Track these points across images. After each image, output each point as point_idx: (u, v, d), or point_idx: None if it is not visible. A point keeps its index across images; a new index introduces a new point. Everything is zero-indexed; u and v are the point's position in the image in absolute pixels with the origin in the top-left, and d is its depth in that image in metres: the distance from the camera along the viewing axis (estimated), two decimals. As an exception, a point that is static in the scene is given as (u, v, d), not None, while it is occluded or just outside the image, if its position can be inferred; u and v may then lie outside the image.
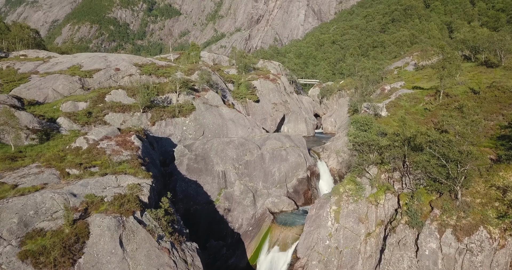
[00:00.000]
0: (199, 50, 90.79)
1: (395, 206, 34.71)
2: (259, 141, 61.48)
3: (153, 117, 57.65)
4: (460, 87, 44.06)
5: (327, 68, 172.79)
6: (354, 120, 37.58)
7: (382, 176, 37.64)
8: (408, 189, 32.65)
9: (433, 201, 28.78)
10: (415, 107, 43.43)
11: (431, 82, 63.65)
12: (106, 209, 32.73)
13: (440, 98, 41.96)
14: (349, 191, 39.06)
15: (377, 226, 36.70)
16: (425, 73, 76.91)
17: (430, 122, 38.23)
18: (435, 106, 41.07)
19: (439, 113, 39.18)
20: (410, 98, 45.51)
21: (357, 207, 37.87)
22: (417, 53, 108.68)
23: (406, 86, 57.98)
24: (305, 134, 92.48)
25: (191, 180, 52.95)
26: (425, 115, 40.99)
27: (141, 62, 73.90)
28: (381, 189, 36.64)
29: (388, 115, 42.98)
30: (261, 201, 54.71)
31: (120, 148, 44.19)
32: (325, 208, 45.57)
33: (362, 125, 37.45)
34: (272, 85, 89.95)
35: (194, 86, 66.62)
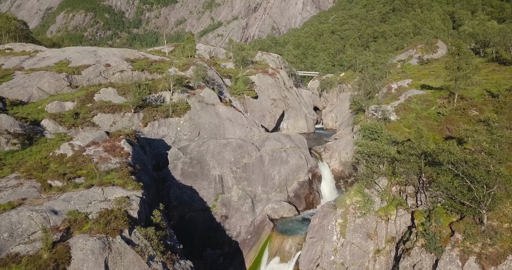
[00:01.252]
0: (194, 43, 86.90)
1: (408, 223, 31.78)
2: (258, 142, 58.29)
3: (145, 118, 54.22)
4: (476, 88, 40.84)
5: (327, 59, 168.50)
6: (363, 128, 34.35)
7: (393, 188, 34.63)
8: (424, 206, 29.62)
9: (454, 224, 25.79)
10: (427, 111, 40.24)
11: (439, 80, 60.32)
12: (91, 228, 29.64)
13: (455, 101, 38.76)
14: (357, 203, 36.06)
15: (387, 243, 33.85)
16: (431, 68, 73.50)
17: (445, 129, 35.09)
18: (449, 110, 37.90)
19: (454, 118, 36.00)
20: (421, 100, 42.26)
21: (365, 222, 34.94)
22: (421, 45, 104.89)
23: (414, 84, 54.61)
24: (305, 130, 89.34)
25: (186, 185, 49.84)
26: (439, 120, 37.81)
27: (133, 57, 70.06)
28: (392, 203, 33.66)
29: (398, 119, 39.76)
30: (260, 207, 51.78)
31: (109, 154, 40.87)
32: (330, 219, 42.67)
33: (371, 133, 34.25)
34: (271, 80, 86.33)
35: (189, 83, 63.02)
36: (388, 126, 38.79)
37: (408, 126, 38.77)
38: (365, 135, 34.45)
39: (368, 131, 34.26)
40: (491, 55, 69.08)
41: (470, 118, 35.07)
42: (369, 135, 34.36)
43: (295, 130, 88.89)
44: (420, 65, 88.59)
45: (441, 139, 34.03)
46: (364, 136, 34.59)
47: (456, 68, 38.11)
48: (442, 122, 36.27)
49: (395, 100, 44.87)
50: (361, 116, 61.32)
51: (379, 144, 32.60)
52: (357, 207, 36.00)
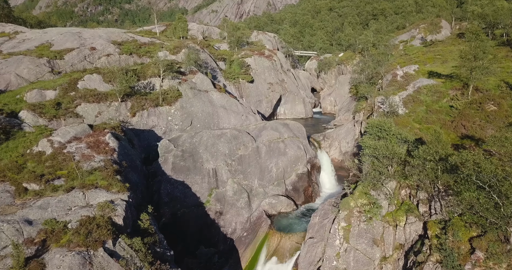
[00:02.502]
0: (186, 24, 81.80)
1: (419, 232, 29.10)
2: (254, 132, 55.02)
3: (134, 107, 50.55)
4: (491, 79, 37.47)
5: (325, 38, 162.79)
6: (370, 125, 31.11)
7: (402, 192, 31.79)
8: (439, 215, 26.82)
9: (474, 240, 23.07)
10: (438, 103, 36.96)
11: (447, 65, 56.81)
12: (70, 240, 26.67)
13: (469, 93, 35.50)
14: (362, 206, 33.27)
15: (395, 250, 31.30)
16: (437, 51, 69.69)
17: (460, 126, 31.95)
18: (463, 104, 34.69)
19: (470, 114, 32.78)
20: (431, 92, 38.90)
21: (371, 226, 32.27)
22: (423, 25, 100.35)
23: (420, 70, 51.03)
24: (303, 115, 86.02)
25: (178, 180, 46.83)
26: (452, 114, 34.61)
27: (120, 39, 65.55)
28: (401, 208, 30.89)
29: (406, 113, 36.51)
30: (257, 202, 49.08)
31: (92, 151, 37.52)
32: (331, 218, 40.14)
33: (379, 131, 31.05)
34: (268, 63, 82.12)
35: (180, 69, 58.97)
36: (396, 121, 35.59)
37: (418, 121, 35.57)
38: (372, 134, 31.25)
39: (376, 129, 31.05)
40: (500, 38, 65.25)
41: (487, 114, 31.89)
42: (377, 133, 31.18)
43: (292, 115, 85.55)
44: (423, 46, 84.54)
45: (456, 138, 30.96)
46: (371, 134, 31.39)
47: (472, 57, 34.66)
48: (456, 118, 33.10)
49: (402, 90, 41.48)
50: (363, 104, 58.03)
51: (389, 144, 29.47)
52: (362, 210, 33.24)
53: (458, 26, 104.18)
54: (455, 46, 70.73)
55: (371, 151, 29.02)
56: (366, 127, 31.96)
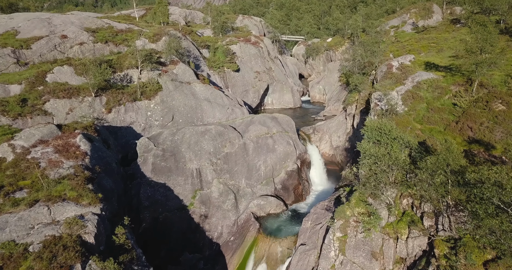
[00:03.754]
0: (166, 8, 76.49)
1: (423, 247, 26.51)
2: (241, 127, 51.64)
3: (109, 102, 46.42)
4: (496, 73, 34.61)
5: (312, 22, 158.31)
6: (369, 128, 28.06)
7: (404, 201, 29.07)
8: (447, 232, 24.16)
9: (490, 265, 20.48)
10: (440, 101, 34.07)
11: (442, 54, 53.89)
12: (30, 267, 23.22)
13: (474, 90, 32.64)
14: (359, 216, 30.50)
15: (395, 264, 28.80)
16: (430, 38, 66.61)
17: (466, 127, 29.12)
18: (468, 102, 31.87)
19: (476, 113, 29.93)
20: (432, 87, 35.94)
21: (369, 238, 29.56)
22: (414, 10, 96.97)
23: (417, 61, 47.92)
24: (291, 105, 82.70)
25: (159, 182, 43.42)
26: (456, 113, 31.75)
27: (95, 26, 60.50)
28: (402, 219, 28.21)
29: (406, 111, 33.53)
30: (245, 203, 46.16)
31: (60, 156, 33.65)
32: (323, 224, 37.49)
33: (379, 134, 28.03)
34: (254, 50, 77.93)
35: (160, 59, 54.63)
36: (396, 120, 32.60)
37: (420, 120, 32.63)
38: (371, 137, 28.21)
39: (375, 133, 28.00)
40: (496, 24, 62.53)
41: (495, 114, 29.10)
42: (376, 137, 28.15)
43: (280, 105, 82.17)
44: (416, 33, 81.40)
45: (463, 143, 28.16)
46: (369, 138, 28.35)
47: (478, 50, 31.67)
48: (461, 118, 30.25)
49: (400, 85, 38.39)
50: (356, 96, 54.97)
51: (392, 152, 26.51)
52: (360, 220, 30.49)
53: (449, 10, 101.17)
54: (449, 33, 67.80)
55: (372, 160, 26.02)
56: (364, 129, 28.82)
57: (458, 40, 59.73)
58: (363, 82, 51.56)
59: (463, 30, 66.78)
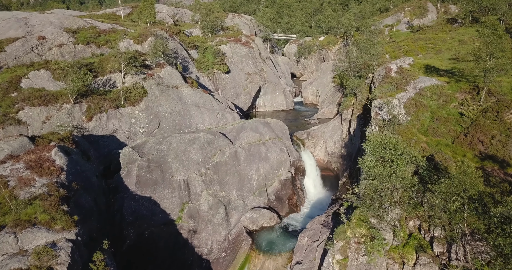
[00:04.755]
0: (153, 7, 72.94)
1: (432, 276, 23.96)
2: (232, 133, 48.88)
3: (90, 109, 43.24)
4: (505, 79, 32.26)
5: (304, 20, 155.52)
6: (373, 143, 25.51)
7: (410, 223, 26.61)
8: (461, 262, 21.73)
9: (513, 306, 18.12)
10: (445, 110, 31.69)
11: (442, 56, 51.66)
12: (-9, 309, 20.32)
13: (482, 98, 30.32)
14: (361, 237, 27.99)
15: (401, 291, 26.26)
16: (427, 38, 64.34)
17: (476, 141, 26.75)
18: (477, 112, 29.55)
19: (485, 125, 27.56)
20: (436, 94, 33.55)
21: (372, 262, 27.01)
22: (409, 8, 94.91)
23: (416, 64, 45.55)
24: (284, 107, 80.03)
25: (144, 196, 40.48)
26: (463, 124, 29.39)
27: (76, 26, 57.06)
28: (409, 243, 25.78)
29: (409, 121, 31.08)
30: (236, 216, 43.47)
31: (32, 173, 30.56)
32: (321, 242, 35.00)
33: (383, 150, 25.49)
34: (245, 50, 74.98)
35: (146, 61, 51.49)
36: (399, 131, 30.12)
37: (424, 131, 30.18)
38: (375, 154, 25.66)
39: (379, 148, 25.46)
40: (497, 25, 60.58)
41: (508, 126, 26.75)
42: (380, 153, 25.61)
43: (272, 107, 79.47)
44: (411, 32, 79.24)
45: (474, 159, 25.78)
46: (373, 154, 25.80)
47: (486, 56, 29.30)
48: (470, 130, 27.89)
49: (401, 91, 35.93)
50: (352, 100, 52.52)
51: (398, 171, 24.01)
52: (362, 242, 28.00)
53: (443, 9, 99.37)
54: (446, 33, 65.64)
55: (377, 182, 23.46)
56: (366, 144, 26.26)
57: (456, 41, 57.63)
58: (360, 85, 49.09)
59: (461, 30, 64.73)
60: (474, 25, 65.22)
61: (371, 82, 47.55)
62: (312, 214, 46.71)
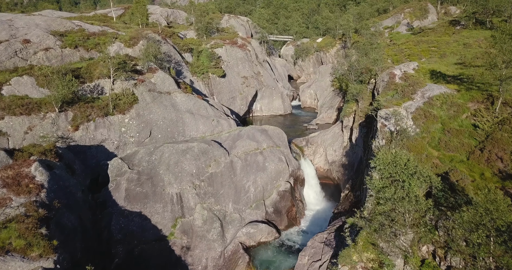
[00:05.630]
0: (145, 8, 70.21)
1: (451, 310, 21.64)
2: (227, 142, 46.44)
3: (76, 118, 40.63)
4: (518, 87, 30.18)
5: (301, 21, 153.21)
6: (382, 161, 23.14)
7: (423, 248, 24.24)
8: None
9: None
10: (457, 120, 29.43)
11: (447, 60, 49.44)
12: None
13: (497, 109, 28.12)
14: (368, 262, 25.57)
15: None
16: (429, 41, 62.20)
17: (494, 157, 24.48)
18: (492, 124, 27.34)
19: (503, 138, 25.27)
20: (446, 104, 31.28)
21: (381, 291, 24.60)
22: (409, 9, 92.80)
23: (421, 69, 43.29)
24: (281, 111, 77.65)
25: (133, 211, 37.95)
26: (477, 137, 27.13)
27: (63, 29, 54.40)
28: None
29: (418, 133, 28.78)
30: (232, 231, 41.00)
31: (9, 192, 27.98)
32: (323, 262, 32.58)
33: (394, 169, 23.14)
34: (241, 53, 72.50)
35: (137, 66, 48.91)
36: (408, 145, 27.79)
37: (436, 145, 27.85)
38: (384, 172, 23.30)
39: (389, 166, 23.09)
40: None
41: None
42: (390, 171, 23.25)
43: (270, 111, 77.06)
44: (412, 34, 77.07)
45: (493, 178, 23.47)
46: (382, 173, 23.44)
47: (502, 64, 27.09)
48: (486, 144, 25.61)
49: (408, 100, 33.64)
50: (353, 106, 50.24)
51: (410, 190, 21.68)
52: (369, 268, 25.57)
53: (443, 10, 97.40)
54: (449, 36, 63.49)
55: (389, 207, 21.11)
56: (374, 161, 23.87)
57: (461, 44, 55.50)
58: (361, 91, 46.78)
59: (465, 32, 62.61)
60: (478, 27, 63.16)
61: (374, 88, 45.25)
62: (312, 228, 44.40)
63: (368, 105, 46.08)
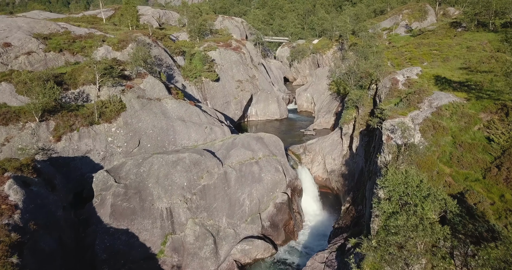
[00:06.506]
0: (135, 10, 67.34)
1: None
2: (221, 151, 43.93)
3: (59, 128, 37.93)
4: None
5: (296, 21, 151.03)
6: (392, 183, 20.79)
7: (437, 277, 21.75)
8: None
9: None
10: (469, 133, 27.20)
11: (450, 65, 47.31)
12: None
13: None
14: (375, 292, 23.22)
15: None
16: (430, 44, 60.01)
17: (514, 176, 22.25)
18: (508, 138, 25.11)
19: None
20: (456, 114, 29.01)
21: None
22: (407, 11, 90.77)
23: (425, 75, 41.04)
24: (277, 116, 75.22)
25: (120, 229, 35.29)
26: (493, 153, 24.92)
27: (47, 31, 51.62)
28: (438, 305, 20.93)
29: (427, 147, 26.44)
30: (226, 248, 38.48)
31: (-22, 214, 25.29)
32: (325, 286, 30.20)
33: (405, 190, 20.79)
34: (236, 56, 70.00)
35: (125, 71, 46.25)
36: (417, 161, 25.43)
37: (447, 161, 25.52)
38: (394, 194, 20.93)
39: (400, 188, 20.73)
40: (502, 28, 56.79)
41: None
42: (401, 194, 20.90)
43: (265, 116, 74.62)
44: (411, 36, 74.99)
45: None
46: (391, 194, 21.07)
47: (519, 71, 25.04)
48: (504, 161, 23.34)
49: (414, 109, 31.32)
50: (353, 113, 47.95)
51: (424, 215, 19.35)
52: (376, 298, 23.18)
53: (442, 11, 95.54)
54: (451, 38, 61.43)
55: (402, 237, 18.72)
56: (382, 181, 21.48)
57: (464, 48, 53.37)
58: (362, 97, 44.49)
59: (467, 35, 60.55)
60: (481, 29, 61.13)
61: (375, 94, 42.93)
62: (311, 242, 42.04)
63: (369, 112, 43.83)
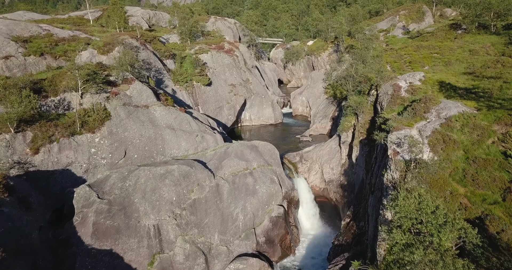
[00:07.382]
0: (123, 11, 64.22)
1: None
2: (213, 162, 41.33)
3: (36, 139, 35.06)
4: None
5: (290, 22, 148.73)
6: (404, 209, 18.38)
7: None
8: None
9: None
10: (482, 147, 24.94)
11: (453, 69, 45.20)
12: None
13: (531, 134, 23.75)
14: None
15: None
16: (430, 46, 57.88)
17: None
18: (528, 153, 22.95)
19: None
20: (468, 126, 26.72)
21: None
22: (404, 12, 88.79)
23: (428, 81, 38.79)
24: (272, 121, 72.71)
25: (102, 250, 32.51)
26: (510, 169, 22.65)
27: (28, 33, 48.62)
28: None
29: (438, 162, 24.10)
30: (218, 267, 35.94)
31: None
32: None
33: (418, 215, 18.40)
34: (229, 59, 67.36)
35: (110, 77, 43.44)
36: (428, 179, 23.04)
37: (460, 179, 23.16)
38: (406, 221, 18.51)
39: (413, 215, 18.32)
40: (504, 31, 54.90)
41: None
42: (414, 222, 18.49)
43: (259, 121, 72.10)
44: (408, 38, 72.91)
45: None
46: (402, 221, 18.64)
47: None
48: (525, 180, 21.13)
49: (420, 120, 29.00)
50: (352, 120, 45.63)
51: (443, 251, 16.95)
52: None
53: (439, 12, 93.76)
54: (452, 41, 59.37)
55: None
56: (392, 205, 19.05)
57: (466, 51, 51.28)
58: (362, 104, 42.15)
59: (468, 37, 58.51)
60: (482, 32, 59.10)
61: (376, 101, 40.59)
62: (308, 258, 39.73)
63: (369, 120, 41.49)
